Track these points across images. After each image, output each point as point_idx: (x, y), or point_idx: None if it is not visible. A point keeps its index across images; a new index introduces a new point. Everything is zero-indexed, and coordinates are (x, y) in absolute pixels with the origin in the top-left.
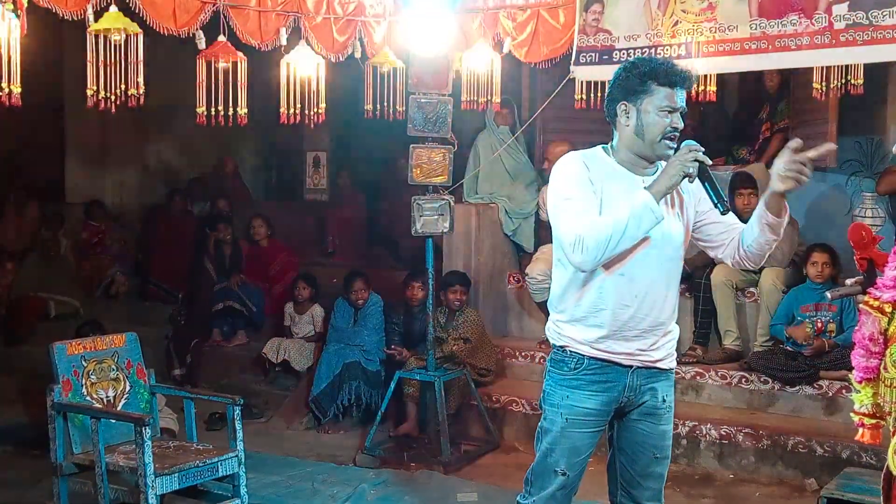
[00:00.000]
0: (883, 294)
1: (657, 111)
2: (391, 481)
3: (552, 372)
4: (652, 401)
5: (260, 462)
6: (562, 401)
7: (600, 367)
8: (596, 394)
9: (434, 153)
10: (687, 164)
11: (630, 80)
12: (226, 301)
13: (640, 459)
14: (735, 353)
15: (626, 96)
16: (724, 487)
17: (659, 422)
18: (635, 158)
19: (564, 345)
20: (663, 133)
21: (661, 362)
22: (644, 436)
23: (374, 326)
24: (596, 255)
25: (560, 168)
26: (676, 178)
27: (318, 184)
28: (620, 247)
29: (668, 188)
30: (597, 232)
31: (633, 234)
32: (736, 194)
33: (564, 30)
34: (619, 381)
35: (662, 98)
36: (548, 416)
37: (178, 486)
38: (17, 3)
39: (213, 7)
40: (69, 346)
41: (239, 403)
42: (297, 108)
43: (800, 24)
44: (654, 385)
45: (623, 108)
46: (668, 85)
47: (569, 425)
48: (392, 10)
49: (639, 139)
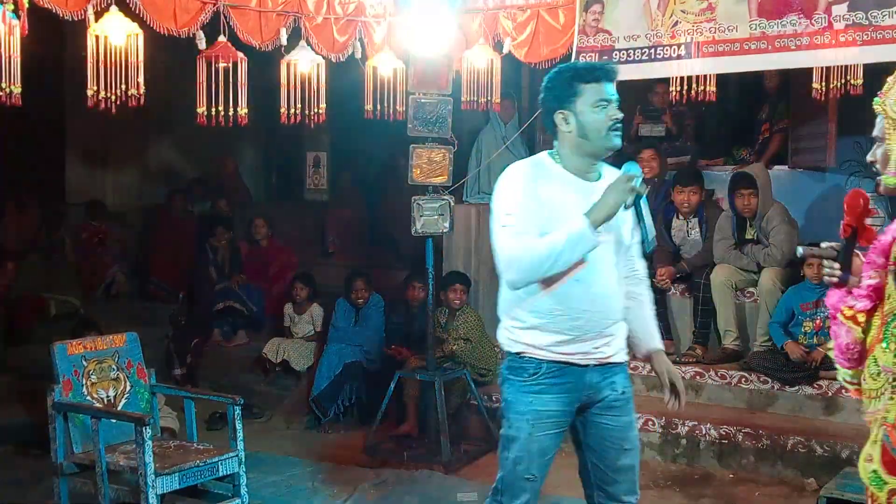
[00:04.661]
0: (857, 303)
1: (592, 108)
2: (391, 481)
3: (511, 380)
4: (612, 394)
5: (260, 462)
6: (526, 407)
7: (559, 369)
8: (559, 395)
9: (434, 153)
10: (625, 194)
11: (558, 88)
12: (226, 301)
13: (610, 453)
14: (735, 352)
15: (559, 104)
16: (724, 487)
17: (621, 413)
18: (582, 161)
19: (521, 351)
20: (607, 126)
21: (614, 356)
22: (609, 429)
23: (375, 326)
24: (529, 276)
25: (505, 181)
26: (614, 210)
27: (319, 184)
28: (553, 270)
29: (605, 217)
30: (532, 255)
31: (568, 260)
32: (736, 194)
33: (564, 30)
34: (578, 381)
35: (592, 94)
36: (513, 424)
37: (179, 485)
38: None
39: (214, 7)
40: (69, 346)
41: (239, 403)
42: (297, 108)
43: (799, 24)
44: (613, 379)
45: (560, 116)
46: (593, 81)
47: (535, 430)
48: (392, 10)
49: (584, 140)
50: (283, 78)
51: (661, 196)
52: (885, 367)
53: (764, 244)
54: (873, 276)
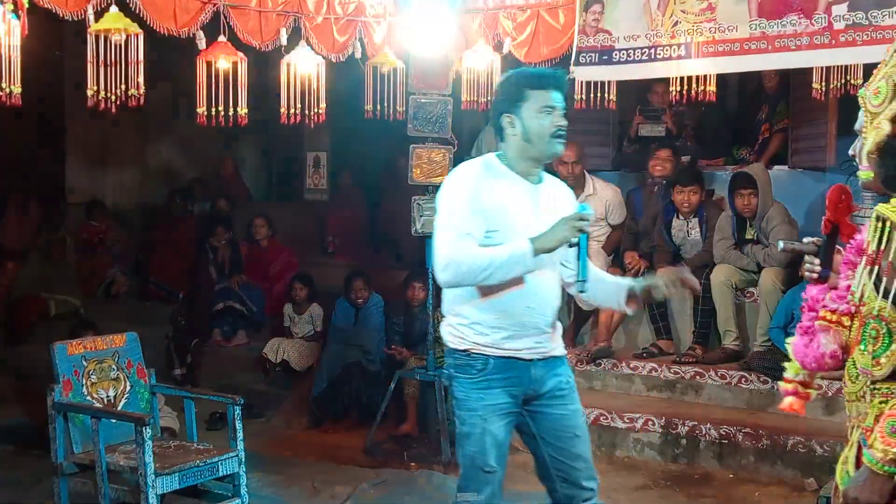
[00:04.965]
0: (839, 306)
1: (537, 113)
2: (391, 481)
3: (460, 378)
4: (556, 385)
5: (260, 462)
6: (477, 403)
7: (505, 364)
8: (507, 388)
9: (434, 153)
10: (574, 232)
11: (507, 92)
12: (226, 301)
13: (564, 441)
14: (735, 352)
15: (507, 108)
16: (724, 487)
17: (568, 402)
18: (527, 163)
19: (468, 348)
20: (550, 132)
21: (555, 350)
22: (559, 418)
23: (375, 326)
24: (463, 281)
25: (453, 180)
26: (558, 245)
27: (319, 184)
28: (487, 281)
29: (548, 249)
30: (472, 262)
31: (503, 276)
32: (736, 194)
33: (564, 30)
34: (524, 374)
35: (539, 101)
36: (466, 420)
37: (179, 485)
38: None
39: (214, 7)
40: (69, 346)
41: (239, 403)
42: (297, 108)
43: (799, 24)
44: (556, 371)
45: (507, 119)
46: (541, 88)
47: (489, 424)
48: (392, 10)
49: (528, 144)
50: (283, 78)
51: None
52: (864, 369)
53: (764, 244)
54: (851, 275)
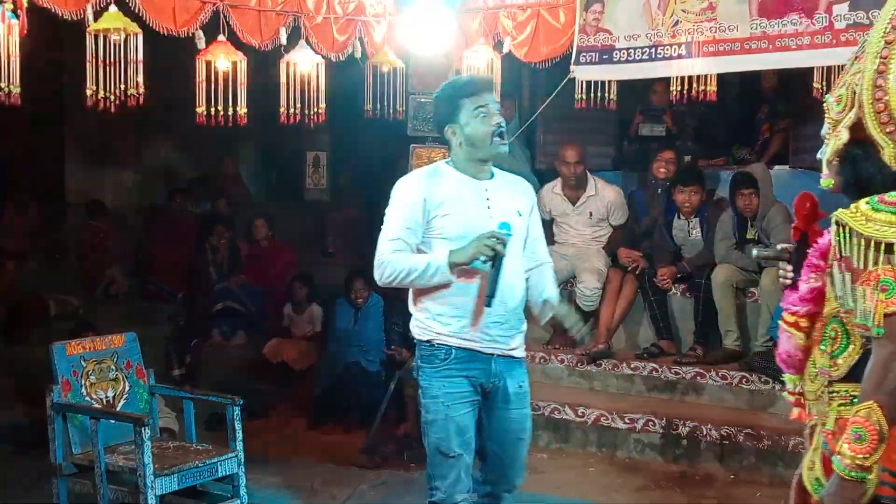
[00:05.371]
0: (800, 308)
1: (472, 117)
2: (391, 482)
3: (424, 367)
4: (512, 387)
5: (260, 462)
6: (440, 391)
7: (467, 355)
8: (467, 377)
9: (434, 153)
10: (488, 250)
11: (443, 105)
12: (225, 301)
13: (508, 443)
14: (736, 353)
15: (447, 120)
16: (725, 488)
17: (520, 405)
18: (475, 165)
19: (431, 339)
20: (490, 134)
21: (515, 351)
22: (510, 420)
23: (375, 326)
24: (389, 281)
25: (399, 187)
26: (470, 260)
27: (318, 184)
28: (414, 285)
29: (461, 263)
30: (396, 266)
31: (421, 283)
32: (737, 194)
33: (564, 29)
34: (484, 368)
35: (472, 105)
36: (430, 409)
37: (178, 486)
38: (17, 3)
39: (213, 7)
40: (68, 346)
41: (239, 404)
42: (297, 108)
43: (800, 23)
44: (514, 372)
45: (450, 130)
46: (472, 94)
47: (451, 411)
48: (392, 10)
49: (473, 147)
50: (282, 78)
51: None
52: (822, 369)
53: (765, 244)
54: (814, 278)
